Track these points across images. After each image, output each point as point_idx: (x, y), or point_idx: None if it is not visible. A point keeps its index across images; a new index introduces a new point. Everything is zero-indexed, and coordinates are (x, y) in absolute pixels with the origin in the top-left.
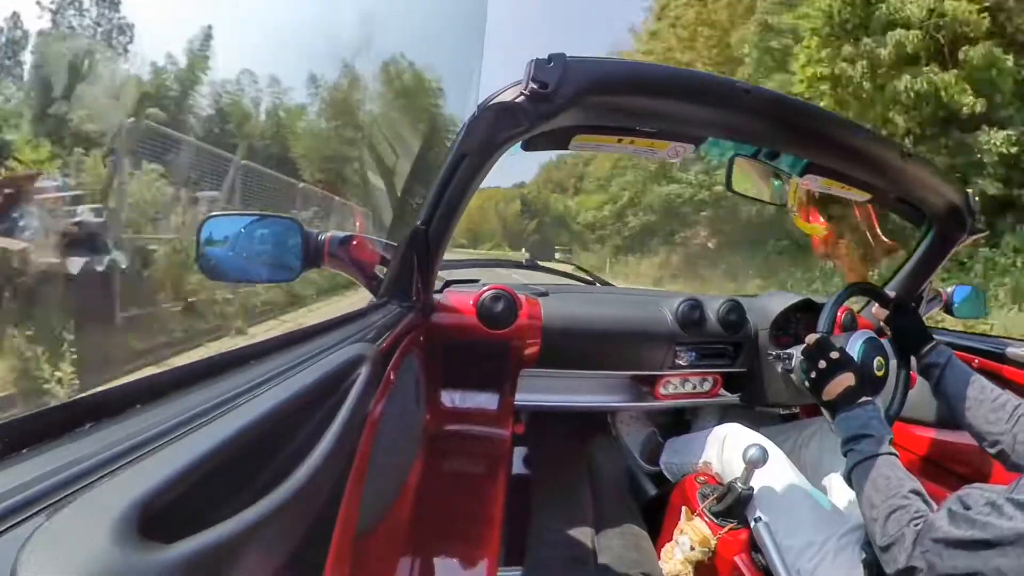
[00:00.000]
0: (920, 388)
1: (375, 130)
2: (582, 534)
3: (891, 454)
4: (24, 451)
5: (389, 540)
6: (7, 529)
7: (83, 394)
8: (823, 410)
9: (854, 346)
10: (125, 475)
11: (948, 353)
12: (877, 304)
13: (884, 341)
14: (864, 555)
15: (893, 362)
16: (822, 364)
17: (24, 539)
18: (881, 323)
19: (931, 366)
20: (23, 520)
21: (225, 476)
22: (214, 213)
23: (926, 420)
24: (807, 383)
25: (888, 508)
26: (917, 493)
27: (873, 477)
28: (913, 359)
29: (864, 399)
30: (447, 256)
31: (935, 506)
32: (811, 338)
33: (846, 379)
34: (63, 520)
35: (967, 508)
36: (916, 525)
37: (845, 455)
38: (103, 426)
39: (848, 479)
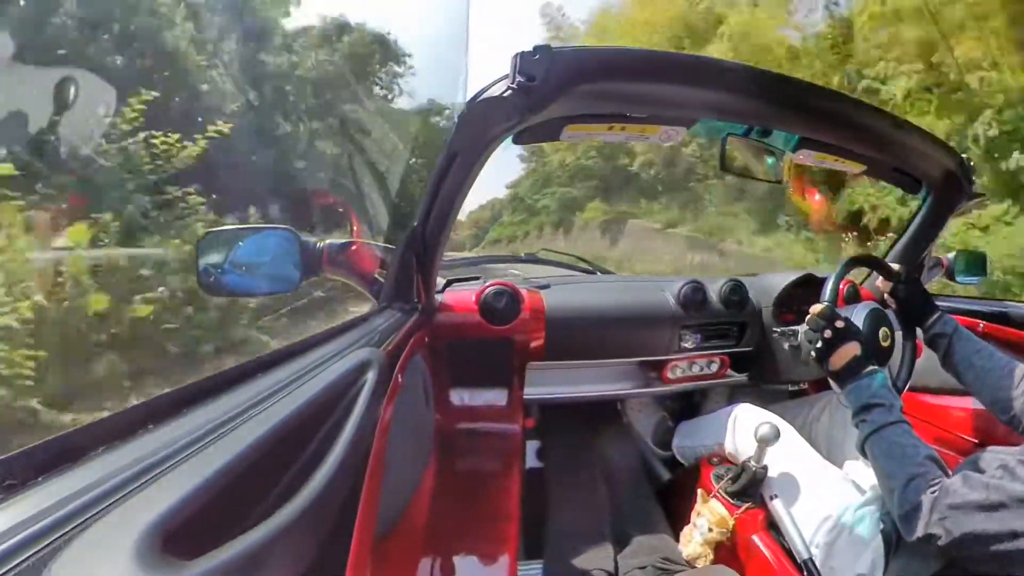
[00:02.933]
0: (926, 355)
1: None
2: (600, 523)
3: (903, 422)
4: (39, 479)
5: (407, 542)
6: (32, 555)
7: (95, 419)
8: (831, 381)
9: (859, 317)
10: (143, 495)
11: (954, 323)
12: (881, 277)
13: (888, 312)
14: (882, 526)
15: (899, 333)
16: (827, 333)
17: (49, 563)
18: (885, 295)
19: (938, 336)
20: (47, 544)
21: (241, 490)
22: (211, 229)
23: (934, 387)
24: (813, 353)
25: (904, 476)
26: (932, 460)
27: (887, 446)
28: (919, 330)
29: (871, 368)
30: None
31: (950, 472)
32: (815, 308)
33: (852, 348)
34: (86, 543)
35: (981, 472)
36: (933, 492)
37: (856, 426)
38: (118, 448)
39: (862, 450)
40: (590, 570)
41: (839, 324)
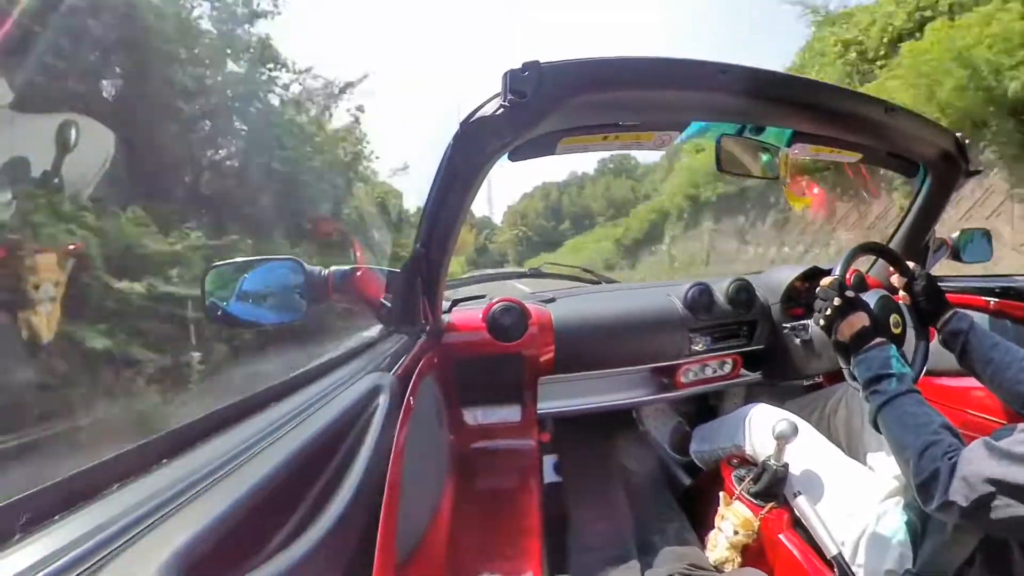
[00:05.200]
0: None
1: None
2: (623, 533)
3: (915, 392)
4: (57, 516)
5: (430, 564)
6: None
7: (111, 455)
8: (839, 357)
9: (870, 300)
10: (161, 530)
11: (969, 319)
12: (897, 273)
13: (899, 303)
14: (906, 517)
15: (911, 330)
16: (837, 301)
17: None
18: (900, 291)
19: (953, 334)
20: None
21: (260, 521)
22: (217, 263)
23: (952, 370)
24: (822, 321)
25: (920, 445)
26: (947, 428)
27: (900, 416)
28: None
29: (880, 339)
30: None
31: (966, 444)
32: (826, 280)
33: (861, 318)
34: None
35: (1001, 439)
36: (950, 459)
37: (867, 399)
38: (134, 483)
39: (874, 423)
40: None
41: (849, 294)
